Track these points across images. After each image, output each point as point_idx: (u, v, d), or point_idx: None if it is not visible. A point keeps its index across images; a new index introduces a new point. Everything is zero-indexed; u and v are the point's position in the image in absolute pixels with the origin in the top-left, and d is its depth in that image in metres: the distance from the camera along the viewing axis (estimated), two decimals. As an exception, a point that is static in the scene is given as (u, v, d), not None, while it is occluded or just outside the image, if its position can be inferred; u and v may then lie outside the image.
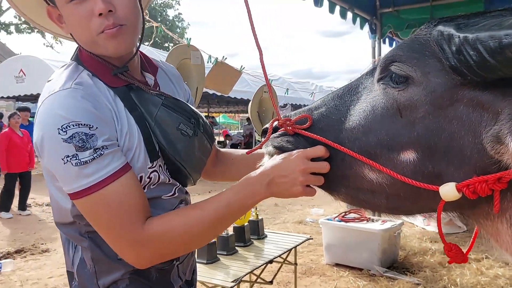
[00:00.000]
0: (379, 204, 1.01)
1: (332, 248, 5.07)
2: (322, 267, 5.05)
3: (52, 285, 4.68)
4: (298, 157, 1.05)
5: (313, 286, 4.52)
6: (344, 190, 1.06)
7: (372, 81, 1.05)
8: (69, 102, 1.05)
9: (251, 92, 12.26)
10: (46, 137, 1.04)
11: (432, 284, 4.41)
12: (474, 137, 0.83)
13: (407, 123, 0.92)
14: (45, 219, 7.76)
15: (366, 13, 5.67)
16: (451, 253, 0.96)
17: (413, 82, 0.91)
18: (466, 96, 0.84)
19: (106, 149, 1.05)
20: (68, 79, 1.11)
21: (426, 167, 0.90)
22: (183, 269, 1.32)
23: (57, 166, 1.05)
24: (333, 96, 1.12)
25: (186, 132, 1.22)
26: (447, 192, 0.85)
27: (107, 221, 1.07)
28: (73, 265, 1.22)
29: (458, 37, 0.80)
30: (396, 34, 6.25)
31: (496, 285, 4.35)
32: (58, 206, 1.18)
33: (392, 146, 0.94)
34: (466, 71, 0.80)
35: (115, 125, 1.10)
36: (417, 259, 5.18)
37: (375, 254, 4.75)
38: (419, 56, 0.90)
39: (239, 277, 3.05)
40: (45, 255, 5.74)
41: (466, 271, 4.74)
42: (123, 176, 1.07)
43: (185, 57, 3.08)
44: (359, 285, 4.43)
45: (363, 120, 1.00)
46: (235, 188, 1.13)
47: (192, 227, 1.10)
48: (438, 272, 4.76)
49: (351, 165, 1.01)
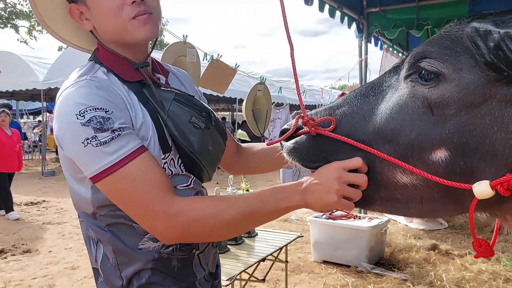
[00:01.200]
0: (415, 210, 1.00)
1: (320, 245, 5.10)
2: (310, 264, 5.08)
3: (36, 286, 4.55)
4: (334, 167, 1.03)
5: (302, 284, 4.54)
6: (380, 201, 1.03)
7: (397, 79, 1.03)
8: (85, 91, 1.09)
9: (234, 90, 12.29)
10: (64, 125, 1.09)
11: (419, 280, 4.49)
12: (507, 133, 0.84)
13: (439, 121, 0.91)
14: (24, 219, 7.56)
15: (354, 12, 5.71)
16: (481, 248, 0.95)
17: (445, 79, 0.91)
18: (499, 92, 0.85)
19: (123, 130, 1.08)
20: (84, 74, 1.16)
21: (459, 165, 0.90)
22: (204, 260, 1.31)
23: (78, 151, 1.08)
24: (356, 95, 1.09)
25: (198, 125, 1.24)
26: (481, 190, 0.85)
27: (135, 196, 1.08)
28: (97, 261, 1.24)
29: (498, 32, 0.81)
30: (382, 34, 6.33)
31: (480, 280, 4.46)
32: (79, 197, 1.21)
33: (423, 146, 0.92)
34: (504, 66, 0.81)
35: (129, 113, 1.14)
36: (403, 255, 5.26)
37: (362, 251, 4.81)
38: (451, 53, 0.90)
39: (233, 275, 3.03)
40: (26, 255, 5.58)
41: (451, 266, 4.84)
42: (143, 153, 1.10)
43: (181, 54, 3.04)
44: (347, 282, 4.47)
45: (392, 120, 0.97)
46: (271, 189, 1.13)
47: (221, 212, 1.09)
48: (424, 268, 4.85)
49: (382, 171, 0.99)
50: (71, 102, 1.09)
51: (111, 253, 1.21)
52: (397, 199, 1.00)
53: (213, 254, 1.38)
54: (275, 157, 1.29)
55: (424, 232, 6.32)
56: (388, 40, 6.91)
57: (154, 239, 1.19)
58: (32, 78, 11.74)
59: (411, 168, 0.92)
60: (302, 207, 1.09)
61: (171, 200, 1.08)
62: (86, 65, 1.21)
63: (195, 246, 1.27)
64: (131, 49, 1.23)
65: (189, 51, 3.04)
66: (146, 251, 1.19)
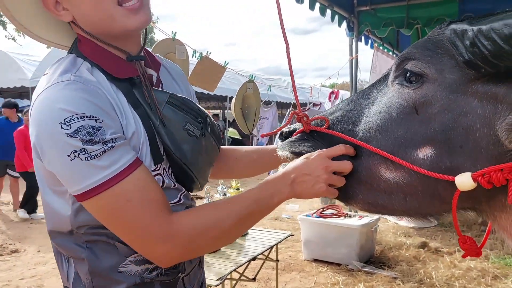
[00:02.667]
0: (398, 206, 1.01)
1: (311, 244, 5.10)
2: (301, 263, 5.08)
3: (24, 286, 4.50)
4: (320, 156, 1.04)
5: (293, 282, 4.54)
6: (361, 196, 1.06)
7: (386, 84, 1.08)
8: (69, 94, 0.94)
9: (225, 88, 12.26)
10: (46, 134, 0.94)
11: (409, 278, 4.52)
12: (489, 129, 0.86)
13: (424, 120, 0.94)
14: (13, 218, 7.47)
15: (344, 11, 5.72)
16: (465, 245, 0.97)
17: (428, 80, 0.94)
18: (480, 90, 0.87)
19: (116, 141, 0.96)
20: (66, 71, 1.01)
21: (444, 162, 0.91)
22: (189, 282, 1.22)
23: (62, 165, 0.94)
24: (347, 101, 1.15)
25: (193, 133, 1.13)
26: (463, 181, 0.87)
27: (130, 217, 0.97)
28: (68, 280, 1.12)
29: (472, 30, 0.84)
30: (372, 33, 6.34)
31: (469, 277, 4.50)
32: (54, 214, 1.08)
33: (409, 144, 0.95)
34: (481, 63, 0.83)
35: (119, 120, 1.01)
36: (393, 253, 5.29)
37: (353, 249, 4.82)
38: (433, 54, 0.93)
39: (224, 275, 3.02)
40: (14, 255, 5.51)
41: (440, 264, 4.88)
42: (138, 168, 0.99)
43: (170, 51, 3.00)
44: (338, 280, 4.48)
45: (379, 120, 1.01)
46: (261, 186, 1.09)
47: (222, 221, 1.04)
48: (414, 265, 4.88)
49: (367, 166, 1.02)
50: (53, 107, 0.93)
51: (86, 274, 1.08)
52: (380, 194, 1.02)
53: (198, 275, 1.29)
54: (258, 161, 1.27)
55: (414, 230, 6.36)
56: (379, 39, 6.93)
57: (137, 262, 1.08)
58: (20, 76, 11.58)
59: (397, 160, 0.95)
60: (293, 198, 1.09)
61: (170, 220, 0.99)
62: (65, 59, 1.06)
63: (181, 270, 1.17)
64: (119, 41, 1.09)
65: (178, 48, 3.00)
66: (127, 275, 1.07)
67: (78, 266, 1.09)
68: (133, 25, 1.05)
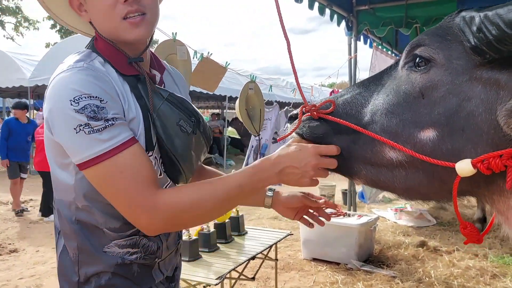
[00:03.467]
0: (398, 184, 1.05)
1: (310, 243, 5.11)
2: (300, 262, 5.09)
3: (23, 286, 4.50)
4: (311, 153, 1.12)
5: (292, 281, 4.55)
6: (365, 172, 1.10)
7: (396, 70, 1.12)
8: (80, 77, 1.08)
9: (224, 88, 12.25)
10: (57, 109, 1.08)
11: (408, 277, 4.53)
12: (491, 114, 0.89)
13: (429, 103, 0.98)
14: (11, 217, 7.46)
15: (343, 10, 5.71)
16: (466, 230, 0.99)
17: (436, 64, 0.98)
18: (484, 76, 0.91)
19: (116, 120, 1.09)
20: (81, 60, 1.14)
21: (445, 145, 0.95)
22: (164, 266, 1.35)
23: (69, 137, 1.07)
24: (358, 84, 1.20)
25: (185, 129, 1.25)
26: (462, 167, 0.90)
27: (121, 187, 1.09)
28: (57, 251, 1.27)
29: (479, 16, 0.87)
30: (371, 32, 6.34)
31: (467, 276, 4.51)
32: (59, 184, 1.21)
33: (413, 126, 0.99)
34: (486, 48, 0.87)
35: (122, 104, 1.14)
36: (391, 252, 5.30)
37: (352, 249, 4.83)
38: (442, 40, 0.98)
39: (223, 274, 3.02)
40: (13, 255, 5.51)
41: (439, 263, 4.89)
42: (134, 145, 1.11)
43: (171, 52, 3.00)
44: (337, 279, 4.49)
45: (387, 103, 1.06)
46: (248, 170, 1.17)
47: (204, 201, 1.13)
48: (413, 264, 4.89)
49: (372, 146, 1.06)
50: (66, 87, 1.07)
51: (74, 249, 1.21)
52: (382, 171, 1.07)
53: (174, 261, 1.41)
54: None
55: (413, 229, 6.37)
56: (378, 38, 6.93)
57: (120, 246, 1.21)
58: (18, 75, 11.58)
59: (399, 147, 0.99)
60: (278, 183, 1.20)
61: (155, 194, 1.10)
62: (83, 52, 1.20)
63: (158, 256, 1.30)
64: (126, 45, 1.22)
65: (179, 49, 3.00)
66: (110, 255, 1.20)
67: (67, 241, 1.22)
68: (131, 38, 1.17)
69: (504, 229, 0.97)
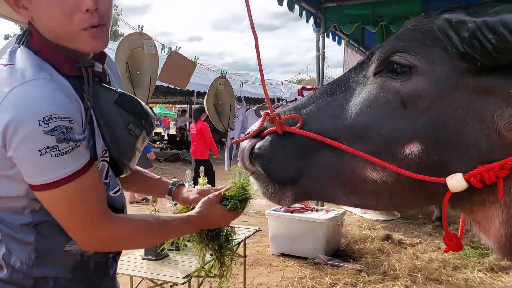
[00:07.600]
0: (383, 206, 1.00)
1: (278, 238, 5.14)
2: (269, 257, 5.11)
3: None
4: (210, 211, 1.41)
5: (260, 277, 4.56)
6: (345, 198, 1.01)
7: (365, 75, 1.01)
8: (49, 94, 1.02)
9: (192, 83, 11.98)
10: (22, 126, 0.99)
11: (373, 270, 4.62)
12: (480, 123, 0.83)
13: (412, 115, 0.89)
14: None
15: (311, 7, 5.75)
16: (451, 242, 0.95)
17: (417, 72, 0.89)
18: (471, 83, 0.84)
19: (81, 141, 1.06)
20: (38, 68, 1.06)
21: (432, 158, 0.88)
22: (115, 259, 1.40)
23: (29, 157, 1.01)
24: (321, 92, 1.06)
25: (134, 133, 1.23)
26: (455, 183, 0.85)
27: (80, 210, 1.10)
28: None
29: (474, 22, 0.79)
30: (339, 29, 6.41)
31: (430, 268, 4.64)
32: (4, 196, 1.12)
33: (395, 140, 0.90)
34: (479, 57, 0.79)
35: (82, 119, 1.09)
36: (358, 246, 5.40)
37: (320, 243, 4.89)
38: (422, 45, 0.89)
39: (190, 272, 2.98)
40: None
41: (403, 256, 5.02)
42: (92, 167, 1.11)
43: (137, 46, 2.90)
44: (305, 274, 4.53)
45: (362, 116, 0.95)
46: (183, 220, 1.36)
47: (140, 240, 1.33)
48: (378, 258, 4.99)
49: (351, 168, 0.96)
50: (33, 103, 0.99)
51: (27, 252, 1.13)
52: (364, 196, 0.98)
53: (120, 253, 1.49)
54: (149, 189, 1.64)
55: (378, 222, 6.51)
56: (345, 35, 7.02)
57: None
58: None
59: (384, 164, 0.90)
60: None
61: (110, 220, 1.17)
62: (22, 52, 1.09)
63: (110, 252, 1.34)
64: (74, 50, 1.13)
65: (146, 43, 2.90)
66: (70, 253, 1.19)
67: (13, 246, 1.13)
68: (88, 49, 1.13)
69: (482, 237, 0.93)
